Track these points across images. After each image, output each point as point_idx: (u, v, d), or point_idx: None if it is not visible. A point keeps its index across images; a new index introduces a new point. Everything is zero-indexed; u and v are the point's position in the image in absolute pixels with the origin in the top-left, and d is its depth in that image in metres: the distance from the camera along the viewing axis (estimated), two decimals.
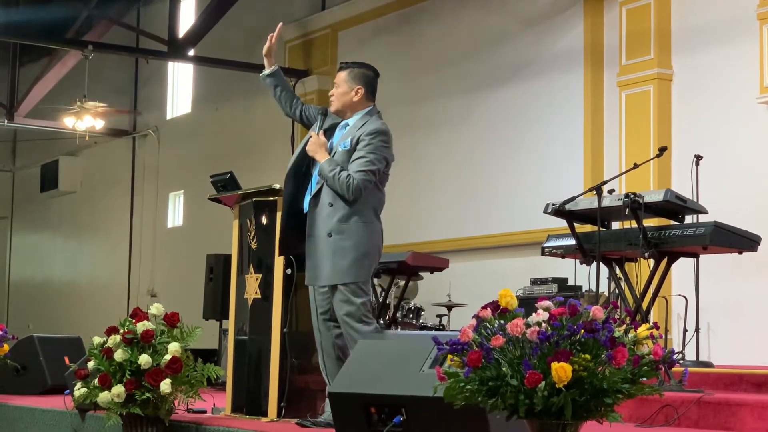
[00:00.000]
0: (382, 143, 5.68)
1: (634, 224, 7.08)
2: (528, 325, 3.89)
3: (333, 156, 5.65)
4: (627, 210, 6.97)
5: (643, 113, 10.42)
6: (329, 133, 5.83)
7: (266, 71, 6.09)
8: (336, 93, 5.81)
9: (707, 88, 10.15)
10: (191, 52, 14.76)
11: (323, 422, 5.61)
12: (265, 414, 6.20)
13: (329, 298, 5.67)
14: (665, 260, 7.13)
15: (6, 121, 17.55)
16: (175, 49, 14.40)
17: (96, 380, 5.84)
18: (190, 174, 17.19)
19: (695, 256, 7.37)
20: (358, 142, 5.65)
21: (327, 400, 5.53)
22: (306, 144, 5.78)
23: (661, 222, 7.55)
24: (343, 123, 5.81)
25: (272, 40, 6.02)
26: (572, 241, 7.47)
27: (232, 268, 6.68)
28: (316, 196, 5.69)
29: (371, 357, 5.10)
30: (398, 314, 10.47)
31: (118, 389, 5.74)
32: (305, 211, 5.76)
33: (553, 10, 11.70)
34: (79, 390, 5.99)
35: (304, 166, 5.83)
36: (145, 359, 5.76)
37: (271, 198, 6.35)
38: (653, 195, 7.09)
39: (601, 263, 7.26)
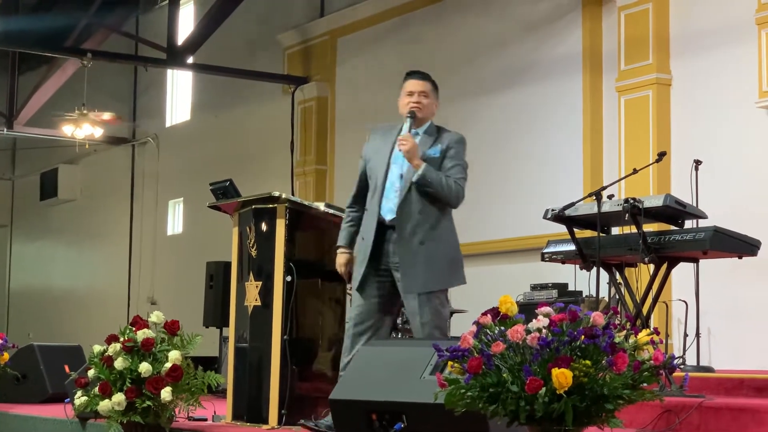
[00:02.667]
0: (463, 151, 5.86)
1: (634, 229, 7.07)
2: (528, 331, 3.90)
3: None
4: (627, 215, 6.96)
5: (642, 118, 10.42)
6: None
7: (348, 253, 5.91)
8: (426, 102, 5.97)
9: (706, 93, 10.15)
10: (190, 60, 14.77)
11: (323, 424, 5.60)
12: (265, 421, 6.19)
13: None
14: (665, 265, 7.12)
15: (5, 129, 17.54)
16: (174, 56, 14.40)
17: (96, 388, 5.83)
18: (189, 181, 17.19)
19: (695, 261, 7.37)
20: (447, 150, 5.79)
21: None
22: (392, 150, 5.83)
23: (661, 227, 7.54)
24: (414, 131, 5.88)
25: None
26: (572, 247, 7.47)
27: (232, 276, 6.68)
28: (404, 205, 5.70)
29: (372, 364, 5.10)
30: (398, 321, 10.46)
31: (119, 397, 5.73)
32: (386, 220, 5.74)
33: (552, 16, 11.70)
34: (80, 398, 5.98)
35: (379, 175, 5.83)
36: (145, 367, 5.76)
37: (271, 205, 6.35)
38: (653, 200, 7.09)
39: (601, 268, 7.25)
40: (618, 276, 7.34)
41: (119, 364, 5.80)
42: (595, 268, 7.25)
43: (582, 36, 11.24)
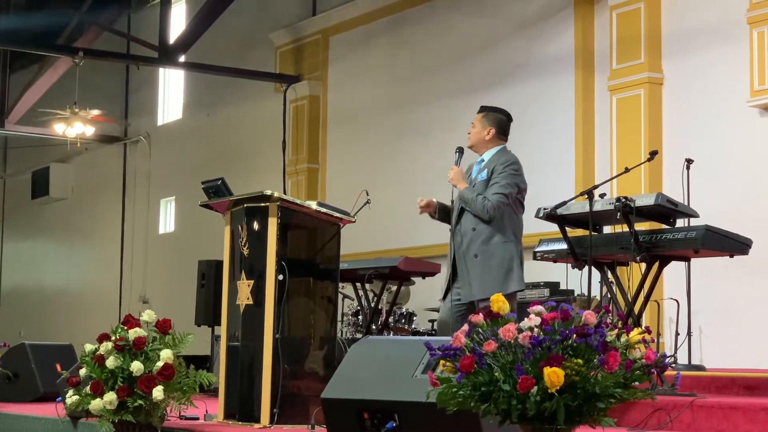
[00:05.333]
0: (513, 171, 6.60)
1: (626, 228, 7.08)
2: (520, 330, 3.90)
3: (473, 186, 6.56)
4: (618, 214, 6.98)
5: (633, 117, 10.43)
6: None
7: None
8: (472, 132, 6.76)
9: (698, 92, 10.16)
10: (182, 58, 14.75)
11: None
12: (257, 420, 6.19)
13: None
14: (657, 264, 7.14)
15: None
16: (166, 55, 14.39)
17: (88, 387, 5.82)
18: (181, 180, 17.18)
19: (687, 259, 7.38)
20: (493, 172, 6.56)
21: None
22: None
23: (653, 226, 7.55)
24: (479, 159, 6.73)
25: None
26: (564, 246, 7.48)
27: (224, 274, 6.67)
28: (458, 222, 6.57)
29: (364, 362, 5.10)
30: (390, 319, 10.47)
31: (110, 396, 5.72)
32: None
33: (544, 15, 11.71)
34: (71, 397, 5.97)
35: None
36: (137, 366, 5.75)
37: (263, 204, 6.34)
38: (644, 199, 7.10)
39: (592, 267, 7.26)
40: (610, 275, 7.35)
41: (111, 363, 5.79)
42: (586, 267, 7.26)
43: (574, 35, 11.26)
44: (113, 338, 5.91)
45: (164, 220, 18.43)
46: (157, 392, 5.70)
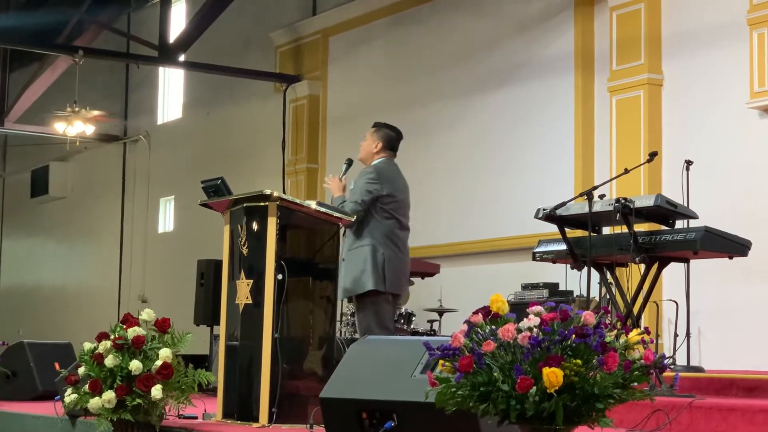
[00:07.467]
0: (369, 180, 7.12)
1: (625, 229, 7.08)
2: (519, 331, 3.90)
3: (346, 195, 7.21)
4: (618, 215, 6.97)
5: (633, 118, 10.43)
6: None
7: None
8: (363, 145, 7.38)
9: (698, 93, 10.16)
10: (182, 58, 14.75)
11: None
12: (256, 419, 6.19)
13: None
14: (656, 265, 7.14)
15: None
16: (166, 54, 14.38)
17: (87, 386, 5.83)
18: (181, 179, 17.17)
19: (686, 261, 7.38)
20: (356, 183, 7.17)
21: None
22: None
23: (652, 227, 7.55)
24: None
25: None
26: (563, 246, 7.48)
27: (223, 274, 6.67)
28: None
29: (363, 362, 5.10)
30: None
31: (109, 395, 5.72)
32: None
33: (544, 16, 11.71)
34: (70, 396, 5.97)
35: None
36: (135, 365, 5.75)
37: (262, 203, 6.34)
38: (644, 200, 7.10)
39: (592, 268, 7.26)
40: (609, 276, 7.36)
41: (110, 361, 5.79)
42: (586, 268, 7.26)
43: (574, 36, 11.25)
44: (112, 337, 5.91)
45: (163, 219, 18.42)
46: (156, 391, 5.70)
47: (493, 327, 3.97)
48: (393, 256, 7.10)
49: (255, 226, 6.39)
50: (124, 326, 5.96)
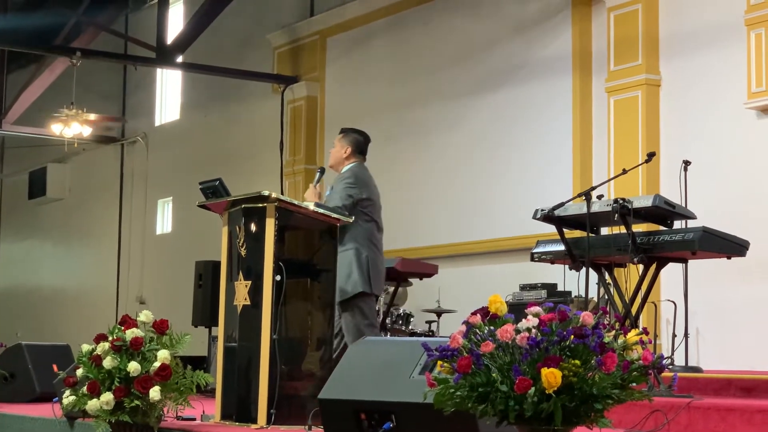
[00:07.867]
0: (347, 184, 7.26)
1: (623, 230, 7.08)
2: (518, 331, 3.90)
3: (325, 202, 7.16)
4: (616, 215, 6.97)
5: (631, 119, 10.44)
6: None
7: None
8: (332, 152, 7.50)
9: (695, 94, 10.17)
10: (180, 59, 14.74)
11: None
12: (254, 421, 6.18)
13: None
14: (654, 265, 7.14)
15: None
16: (164, 55, 14.37)
17: (85, 388, 5.82)
18: (179, 180, 17.17)
19: (684, 261, 7.38)
20: (333, 187, 7.30)
21: None
22: None
23: (650, 227, 7.56)
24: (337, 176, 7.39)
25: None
26: (561, 247, 7.47)
27: (222, 275, 6.67)
28: None
29: (361, 363, 5.10)
30: (388, 320, 10.47)
31: (107, 397, 5.72)
32: None
33: (542, 16, 11.71)
34: (68, 398, 5.97)
35: None
36: (134, 366, 5.74)
37: (260, 205, 6.33)
38: (642, 200, 7.10)
39: (590, 269, 7.26)
40: (607, 276, 7.36)
41: (108, 363, 5.79)
42: (584, 268, 7.26)
43: (572, 37, 11.26)
44: (110, 338, 5.91)
45: (161, 221, 18.42)
46: (154, 393, 5.70)
47: (492, 328, 3.97)
48: (375, 258, 7.29)
49: (253, 227, 6.38)
50: (123, 328, 5.96)
